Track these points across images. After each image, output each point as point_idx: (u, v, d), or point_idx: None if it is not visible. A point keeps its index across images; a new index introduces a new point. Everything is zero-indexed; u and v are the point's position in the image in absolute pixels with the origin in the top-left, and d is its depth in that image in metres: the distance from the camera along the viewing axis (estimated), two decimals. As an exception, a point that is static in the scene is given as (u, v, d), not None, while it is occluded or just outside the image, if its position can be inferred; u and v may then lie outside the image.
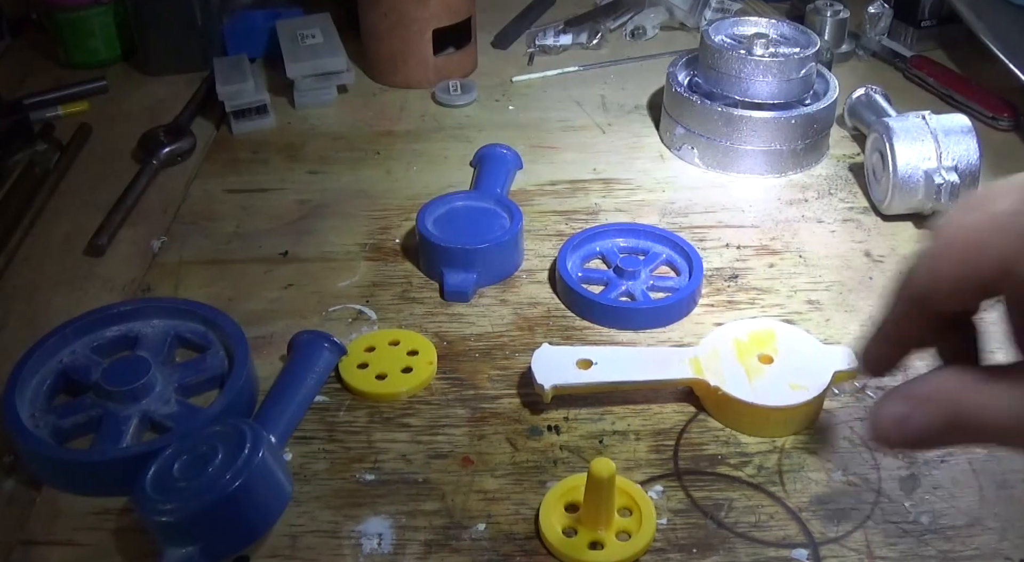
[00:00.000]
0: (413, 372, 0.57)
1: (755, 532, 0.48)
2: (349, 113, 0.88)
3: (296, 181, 0.78)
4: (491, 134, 0.84)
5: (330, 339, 0.57)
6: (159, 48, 0.93)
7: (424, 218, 0.67)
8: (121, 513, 0.50)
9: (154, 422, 0.54)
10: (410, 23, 0.88)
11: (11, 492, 0.52)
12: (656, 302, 0.62)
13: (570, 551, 0.47)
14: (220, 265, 0.68)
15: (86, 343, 0.58)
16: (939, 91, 0.89)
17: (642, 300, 0.63)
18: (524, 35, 1.01)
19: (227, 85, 0.84)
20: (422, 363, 0.58)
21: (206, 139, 0.84)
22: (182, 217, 0.74)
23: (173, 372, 0.56)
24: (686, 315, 0.63)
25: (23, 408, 0.53)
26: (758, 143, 0.77)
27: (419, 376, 0.57)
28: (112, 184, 0.76)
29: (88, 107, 0.88)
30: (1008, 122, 0.84)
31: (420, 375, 0.57)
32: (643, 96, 0.90)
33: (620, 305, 0.62)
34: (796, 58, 0.76)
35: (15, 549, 0.48)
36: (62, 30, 0.94)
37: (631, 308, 0.62)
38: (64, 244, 0.71)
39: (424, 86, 0.91)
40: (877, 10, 0.95)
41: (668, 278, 0.66)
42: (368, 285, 0.66)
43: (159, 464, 0.47)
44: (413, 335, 0.60)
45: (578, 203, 0.75)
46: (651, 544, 0.47)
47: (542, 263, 0.68)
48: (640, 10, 1.03)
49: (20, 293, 0.66)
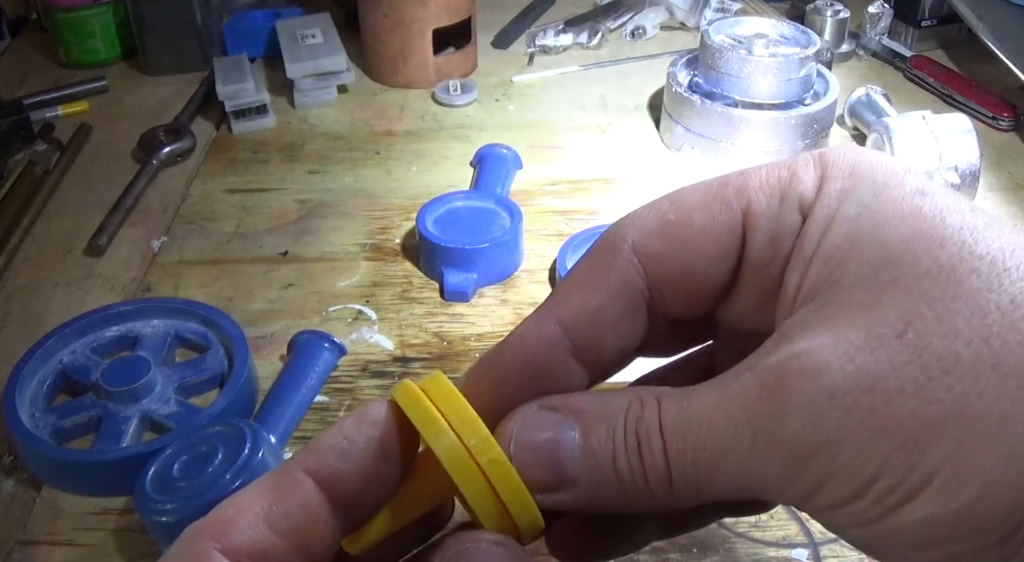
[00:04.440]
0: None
1: (755, 532, 0.48)
2: (349, 113, 0.88)
3: (296, 181, 0.78)
4: (491, 134, 0.84)
5: (330, 339, 0.57)
6: (159, 48, 0.93)
7: (424, 218, 0.67)
8: (121, 513, 0.50)
9: (154, 422, 0.54)
10: (410, 23, 0.88)
11: (11, 492, 0.52)
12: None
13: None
14: (220, 265, 0.68)
15: (86, 343, 0.58)
16: (939, 91, 0.89)
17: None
18: (524, 35, 1.01)
19: (227, 85, 0.84)
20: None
21: (206, 139, 0.84)
22: (182, 217, 0.74)
23: (173, 372, 0.56)
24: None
25: (23, 408, 0.53)
26: (758, 143, 0.77)
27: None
28: (112, 184, 0.76)
29: (88, 107, 0.88)
30: (1008, 122, 0.83)
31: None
32: (643, 96, 0.90)
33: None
34: (796, 58, 0.76)
35: (15, 549, 0.48)
36: (62, 30, 0.94)
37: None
38: (64, 244, 0.71)
39: (424, 86, 0.91)
40: (877, 10, 0.95)
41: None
42: (368, 285, 0.66)
43: (159, 464, 0.47)
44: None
45: (578, 203, 0.75)
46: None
47: (542, 263, 0.68)
48: (640, 10, 1.03)
49: (20, 293, 0.66)
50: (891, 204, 0.24)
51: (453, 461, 0.25)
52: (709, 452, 0.24)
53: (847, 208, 0.24)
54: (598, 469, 0.25)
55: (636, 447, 0.25)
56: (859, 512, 0.22)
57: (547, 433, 0.25)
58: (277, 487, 0.25)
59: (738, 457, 0.23)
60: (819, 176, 0.25)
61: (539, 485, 0.25)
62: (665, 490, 0.25)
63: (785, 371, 0.23)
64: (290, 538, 0.25)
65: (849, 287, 0.23)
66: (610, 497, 0.25)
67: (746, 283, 0.27)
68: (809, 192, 0.25)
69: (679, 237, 0.26)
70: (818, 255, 0.24)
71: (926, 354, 0.21)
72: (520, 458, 0.25)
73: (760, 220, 0.26)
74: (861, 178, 0.25)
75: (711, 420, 0.24)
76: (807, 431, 0.22)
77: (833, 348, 0.22)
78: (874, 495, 0.22)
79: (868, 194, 0.24)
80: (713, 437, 0.24)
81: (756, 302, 0.27)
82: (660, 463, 0.24)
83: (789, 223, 0.25)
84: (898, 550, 0.22)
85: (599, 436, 0.25)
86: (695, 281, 0.27)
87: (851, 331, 0.22)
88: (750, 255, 0.26)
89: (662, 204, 0.27)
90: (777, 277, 0.26)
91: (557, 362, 0.27)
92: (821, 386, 0.22)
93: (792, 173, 0.26)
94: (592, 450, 0.25)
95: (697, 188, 0.27)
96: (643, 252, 0.27)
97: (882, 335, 0.22)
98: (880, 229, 0.23)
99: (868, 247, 0.23)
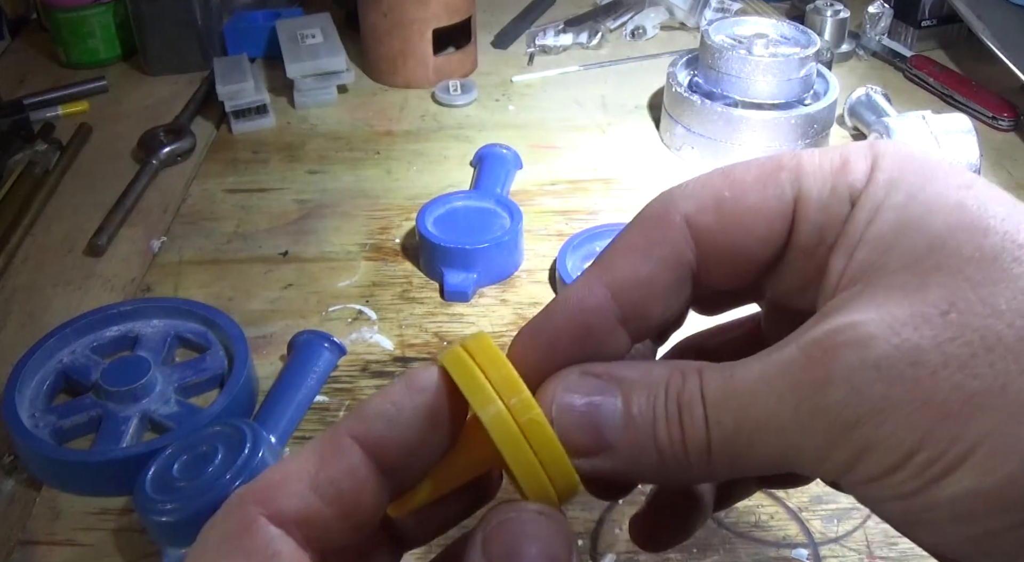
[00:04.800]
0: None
1: (755, 532, 0.48)
2: (349, 113, 0.88)
3: (296, 181, 0.78)
4: (491, 134, 0.84)
5: (330, 339, 0.57)
6: (159, 48, 0.93)
7: (424, 218, 0.67)
8: (121, 513, 0.50)
9: (154, 422, 0.54)
10: (410, 23, 0.88)
11: (11, 492, 0.52)
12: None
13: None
14: (220, 265, 0.68)
15: (86, 343, 0.58)
16: (939, 91, 0.89)
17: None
18: (524, 35, 1.01)
19: (227, 85, 0.84)
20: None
21: (206, 139, 0.84)
22: (182, 217, 0.74)
23: (173, 372, 0.56)
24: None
25: (23, 408, 0.53)
26: (758, 143, 0.77)
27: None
28: (112, 184, 0.76)
29: (88, 107, 0.88)
30: (1008, 122, 0.83)
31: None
32: (643, 96, 0.90)
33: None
34: (796, 58, 0.76)
35: (15, 549, 0.48)
36: (62, 30, 0.94)
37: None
38: (64, 244, 0.71)
39: (424, 86, 0.91)
40: (877, 10, 0.95)
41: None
42: (368, 285, 0.66)
43: (159, 464, 0.47)
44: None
45: (578, 203, 0.75)
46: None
47: (542, 263, 0.68)
48: (640, 10, 1.03)
49: (20, 293, 0.66)
50: (937, 196, 0.24)
51: (496, 426, 0.25)
52: (750, 423, 0.24)
53: (895, 197, 0.25)
54: (637, 436, 0.25)
55: (677, 416, 0.25)
56: (898, 485, 0.22)
57: (589, 398, 0.25)
58: (324, 453, 0.25)
59: (779, 428, 0.23)
60: (870, 166, 0.26)
61: (578, 449, 0.25)
62: (703, 461, 0.25)
63: (831, 343, 0.23)
64: (336, 505, 0.24)
65: (894, 271, 0.23)
66: (647, 466, 0.25)
67: (791, 264, 0.27)
68: (859, 182, 0.25)
69: (732, 214, 0.26)
70: (864, 240, 0.24)
71: (969, 332, 0.22)
72: (560, 421, 0.25)
73: (810, 208, 0.26)
74: (909, 170, 0.25)
75: (754, 391, 0.24)
76: (850, 401, 0.22)
77: (879, 322, 0.22)
78: (914, 467, 0.22)
79: (915, 185, 0.25)
80: (755, 408, 0.24)
81: (799, 283, 0.27)
82: (700, 433, 0.24)
83: (838, 213, 0.26)
84: (935, 524, 0.22)
85: (640, 404, 0.25)
86: (742, 258, 0.27)
87: (896, 308, 0.23)
88: (798, 239, 0.26)
89: (716, 179, 0.27)
90: (822, 261, 0.26)
91: (605, 329, 0.27)
92: (867, 357, 0.22)
93: (845, 162, 0.26)
94: (632, 417, 0.25)
95: (752, 167, 0.27)
96: (695, 225, 0.27)
97: (926, 313, 0.22)
98: (926, 218, 0.24)
99: (914, 234, 0.24)
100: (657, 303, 0.27)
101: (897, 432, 0.22)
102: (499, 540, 0.24)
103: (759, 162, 0.27)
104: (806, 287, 0.27)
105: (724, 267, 0.27)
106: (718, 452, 0.24)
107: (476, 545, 0.24)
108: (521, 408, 0.25)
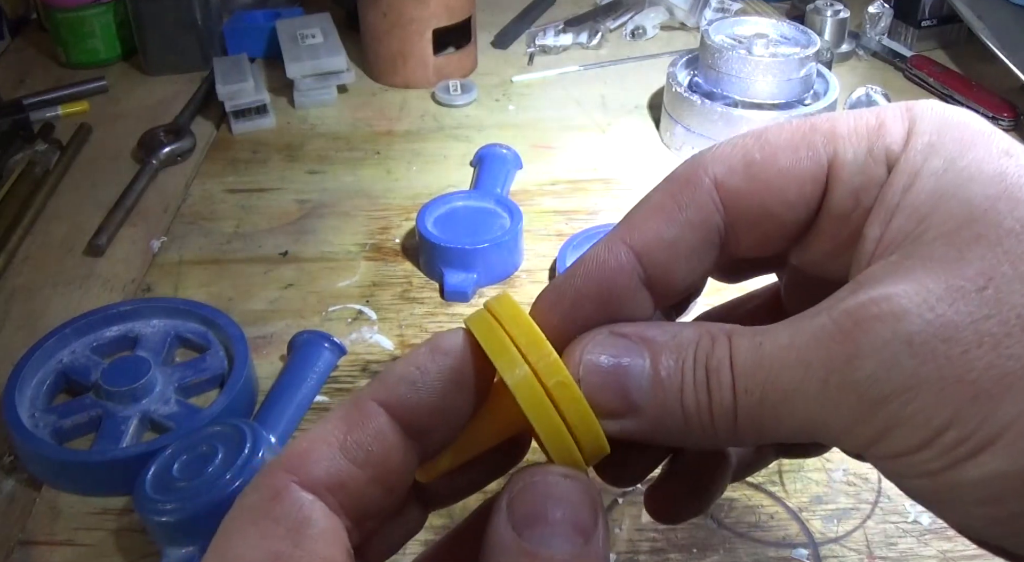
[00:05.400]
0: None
1: (755, 532, 0.48)
2: (349, 113, 0.88)
3: (296, 181, 0.78)
4: (491, 134, 0.84)
5: (330, 339, 0.57)
6: (159, 48, 0.93)
7: (424, 218, 0.67)
8: (121, 513, 0.50)
9: (154, 422, 0.54)
10: (410, 23, 0.88)
11: (11, 492, 0.52)
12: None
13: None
14: (220, 265, 0.68)
15: (86, 343, 0.58)
16: (939, 91, 0.89)
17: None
18: (524, 35, 1.01)
19: (227, 85, 0.84)
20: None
21: (206, 139, 0.84)
22: (182, 217, 0.74)
23: (173, 372, 0.56)
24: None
25: (23, 408, 0.53)
26: (758, 143, 0.77)
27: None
28: (112, 184, 0.76)
29: (88, 107, 0.88)
30: (1008, 122, 0.83)
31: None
32: (643, 96, 0.90)
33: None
34: (796, 58, 0.76)
35: (15, 549, 0.48)
36: (62, 30, 0.94)
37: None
38: (64, 244, 0.71)
39: (424, 86, 0.91)
40: (877, 10, 0.95)
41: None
42: (368, 285, 0.66)
43: (159, 464, 0.47)
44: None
45: (578, 203, 0.75)
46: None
47: (542, 263, 0.68)
48: (640, 10, 1.03)
49: (20, 293, 0.66)
50: (977, 163, 0.24)
51: (523, 389, 0.24)
52: (778, 392, 0.23)
53: (933, 163, 0.24)
54: (664, 399, 0.25)
55: (704, 381, 0.24)
56: (924, 463, 0.22)
57: (616, 358, 0.25)
58: (350, 419, 0.25)
59: (807, 399, 0.23)
60: (907, 129, 0.25)
61: (605, 410, 0.25)
62: (728, 427, 0.24)
63: (863, 315, 0.22)
64: (368, 468, 0.24)
65: (931, 241, 0.23)
66: (673, 429, 0.25)
67: (823, 230, 0.26)
68: (896, 145, 0.25)
69: (763, 177, 0.26)
70: (901, 208, 0.24)
71: (1006, 310, 0.21)
72: (588, 381, 0.25)
73: (845, 171, 0.25)
74: (948, 135, 0.24)
75: (783, 360, 0.23)
76: (881, 376, 0.22)
77: (913, 296, 0.22)
78: (941, 446, 0.21)
79: (955, 151, 0.24)
80: (784, 377, 0.23)
81: (830, 249, 0.27)
82: (727, 399, 0.24)
83: (874, 177, 0.25)
84: (959, 505, 0.22)
85: (668, 366, 0.25)
86: (772, 223, 0.26)
87: (932, 282, 0.22)
88: (831, 204, 0.26)
89: (747, 141, 0.26)
90: (856, 227, 0.25)
91: (629, 290, 0.26)
92: (899, 331, 0.22)
93: (881, 124, 0.25)
94: (660, 379, 0.25)
95: (785, 129, 0.26)
96: (724, 188, 0.26)
97: (963, 288, 0.22)
98: (965, 187, 0.23)
99: (952, 203, 0.23)
100: (681, 266, 0.26)
101: (926, 410, 0.21)
102: (524, 502, 0.24)
103: (792, 125, 0.26)
104: (837, 254, 0.26)
105: (753, 232, 0.27)
106: (744, 419, 0.24)
107: (501, 508, 0.24)
108: (548, 371, 0.25)
